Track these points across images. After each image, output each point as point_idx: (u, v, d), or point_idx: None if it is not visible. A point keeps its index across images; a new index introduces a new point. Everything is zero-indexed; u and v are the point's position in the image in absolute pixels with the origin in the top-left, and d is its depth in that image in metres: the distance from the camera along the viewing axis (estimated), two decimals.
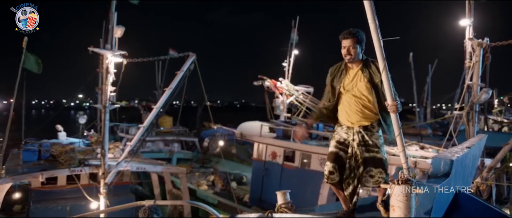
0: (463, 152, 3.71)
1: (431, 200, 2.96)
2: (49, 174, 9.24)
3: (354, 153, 3.33)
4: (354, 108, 3.33)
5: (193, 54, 10.44)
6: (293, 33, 15.04)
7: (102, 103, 9.15)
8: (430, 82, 19.81)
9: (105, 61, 9.23)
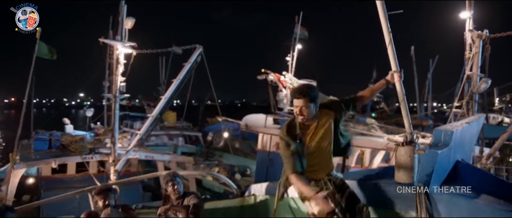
0: (462, 126, 3.97)
1: (432, 164, 3.22)
2: (61, 161, 9.53)
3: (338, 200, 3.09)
4: (319, 162, 3.10)
5: (200, 46, 10.72)
6: (296, 29, 15.32)
7: (113, 93, 9.41)
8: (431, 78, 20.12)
9: (115, 52, 9.50)
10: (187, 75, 10.55)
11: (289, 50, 15.28)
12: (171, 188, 3.86)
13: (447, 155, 3.54)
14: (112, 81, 9.82)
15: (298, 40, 15.19)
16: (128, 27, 9.13)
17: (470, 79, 8.63)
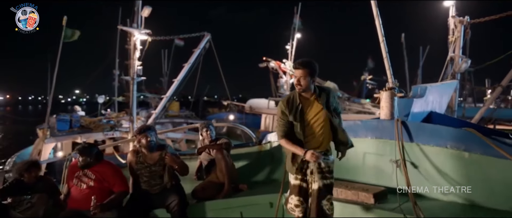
0: (435, 85, 5.00)
1: (409, 108, 4.24)
2: (86, 137, 10.47)
3: (310, 181, 3.23)
4: (314, 137, 3.19)
5: (208, 33, 11.68)
6: (295, 19, 16.30)
7: (131, 75, 10.35)
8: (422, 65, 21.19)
9: (132, 39, 10.43)
10: (196, 61, 11.51)
11: (288, 39, 16.26)
12: (206, 133, 4.81)
13: (422, 104, 4.56)
14: (129, 65, 10.74)
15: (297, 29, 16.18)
16: (145, 15, 10.05)
17: (453, 60, 9.66)
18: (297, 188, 3.21)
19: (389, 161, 3.78)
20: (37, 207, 4.10)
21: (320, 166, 3.17)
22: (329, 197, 3.15)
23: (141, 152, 4.21)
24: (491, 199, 3.28)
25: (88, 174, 4.03)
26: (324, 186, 3.14)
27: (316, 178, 3.16)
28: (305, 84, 3.09)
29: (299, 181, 3.22)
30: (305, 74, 3.07)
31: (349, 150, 3.29)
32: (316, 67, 3.15)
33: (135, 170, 4.17)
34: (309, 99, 3.17)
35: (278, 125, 3.20)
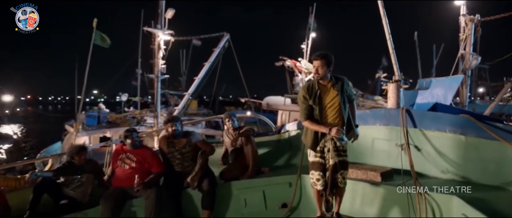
0: (441, 79, 5.44)
1: (414, 99, 4.71)
2: (114, 131, 11.20)
3: (328, 158, 3.60)
4: (329, 119, 3.58)
5: (227, 33, 12.27)
6: (310, 19, 16.76)
7: (155, 73, 11.01)
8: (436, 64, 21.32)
9: (156, 39, 11.09)
10: (216, 59, 12.12)
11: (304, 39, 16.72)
12: (229, 122, 5.37)
13: (427, 95, 5.02)
14: (153, 64, 11.40)
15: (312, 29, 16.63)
16: (169, 17, 10.70)
17: (464, 57, 9.99)
18: (317, 165, 3.64)
19: (395, 145, 4.24)
20: (85, 186, 4.71)
21: (336, 145, 3.55)
22: (342, 172, 3.57)
23: (171, 138, 4.82)
24: (484, 176, 3.73)
25: (130, 156, 4.63)
26: (339, 162, 3.55)
27: (332, 155, 3.55)
28: (322, 73, 3.54)
29: (318, 158, 3.64)
30: (323, 64, 3.52)
31: (360, 136, 3.78)
32: (332, 58, 3.58)
33: (167, 153, 4.76)
34: (326, 86, 3.60)
35: (301, 110, 3.64)
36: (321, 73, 3.55)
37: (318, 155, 3.66)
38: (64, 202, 4.51)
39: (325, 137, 3.60)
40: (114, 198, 4.35)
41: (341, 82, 3.62)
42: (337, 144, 3.56)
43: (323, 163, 3.64)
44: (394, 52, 4.54)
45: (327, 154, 3.62)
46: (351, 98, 3.77)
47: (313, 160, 3.70)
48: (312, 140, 3.64)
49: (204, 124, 22.93)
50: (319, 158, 3.66)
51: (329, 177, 3.59)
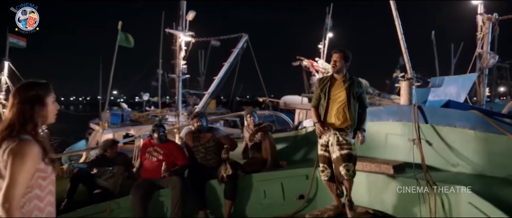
0: (454, 77, 5.60)
1: (426, 96, 4.91)
2: (137, 129, 11.68)
3: (333, 151, 3.81)
4: (333, 111, 3.82)
5: (246, 34, 12.59)
6: (327, 19, 16.94)
7: (176, 73, 11.41)
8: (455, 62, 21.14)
9: (178, 40, 11.50)
10: (235, 59, 12.46)
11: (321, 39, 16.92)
12: (250, 118, 5.67)
13: (439, 93, 5.21)
14: (174, 65, 11.81)
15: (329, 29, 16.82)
16: (190, 19, 11.08)
17: (481, 56, 10.03)
18: (322, 157, 3.96)
19: (407, 140, 4.45)
20: (116, 177, 5.10)
21: (338, 139, 3.76)
22: (346, 164, 3.71)
23: (196, 133, 5.16)
24: (492, 168, 3.92)
25: (157, 149, 4.99)
26: (340, 155, 3.73)
27: (335, 149, 3.78)
28: (340, 65, 3.85)
29: (323, 152, 3.94)
30: (341, 57, 3.84)
31: (374, 132, 4.05)
32: (350, 55, 3.90)
33: (192, 147, 5.11)
34: (338, 80, 3.90)
35: (313, 97, 4.08)
36: (338, 65, 3.84)
37: (323, 148, 3.93)
38: (97, 192, 4.90)
39: (329, 131, 3.84)
40: (143, 188, 4.71)
41: (352, 81, 3.88)
42: (339, 139, 3.76)
43: (326, 156, 3.90)
44: (407, 51, 4.75)
45: (330, 148, 3.84)
46: (363, 102, 3.97)
47: (319, 153, 4.00)
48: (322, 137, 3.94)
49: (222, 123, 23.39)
50: (323, 151, 3.93)
51: (334, 169, 3.84)
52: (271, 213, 4.82)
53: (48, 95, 2.14)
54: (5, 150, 1.92)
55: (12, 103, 2.06)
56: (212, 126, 5.38)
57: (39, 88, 2.11)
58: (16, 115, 2.02)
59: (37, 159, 1.97)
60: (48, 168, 2.05)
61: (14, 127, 1.99)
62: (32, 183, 1.96)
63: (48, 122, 2.16)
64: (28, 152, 1.92)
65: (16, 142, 1.93)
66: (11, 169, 1.87)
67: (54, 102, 2.19)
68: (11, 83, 16.03)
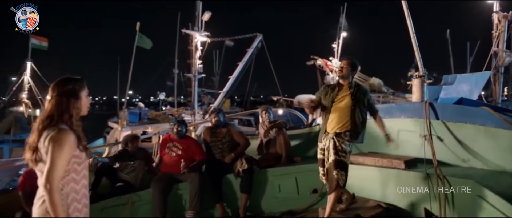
0: (467, 75, 5.67)
1: (438, 93, 5.00)
2: (154, 127, 11.98)
3: (329, 155, 3.81)
4: (334, 116, 3.86)
5: (260, 34, 12.77)
6: (341, 18, 17.00)
7: (192, 73, 11.67)
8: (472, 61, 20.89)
9: (194, 40, 11.75)
10: (249, 59, 12.66)
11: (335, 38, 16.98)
12: (265, 115, 5.85)
13: (451, 90, 5.29)
14: (190, 64, 12.07)
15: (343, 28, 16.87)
16: (205, 19, 11.32)
17: (497, 54, 9.99)
18: (320, 161, 4.00)
19: (418, 136, 4.56)
20: (137, 171, 5.34)
21: (335, 145, 3.75)
22: (338, 171, 3.70)
23: (213, 129, 5.37)
24: (501, 162, 4.00)
25: (177, 145, 5.21)
26: (334, 160, 3.72)
27: (330, 154, 3.78)
28: (346, 72, 3.90)
29: (322, 156, 3.97)
30: (348, 64, 3.91)
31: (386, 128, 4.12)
32: (358, 64, 3.97)
33: (210, 142, 5.31)
34: (344, 86, 3.93)
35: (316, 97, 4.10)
36: (344, 72, 3.91)
37: (322, 152, 3.97)
38: (119, 185, 5.14)
39: (327, 135, 3.88)
40: (163, 182, 4.94)
41: (358, 88, 3.94)
42: (336, 144, 3.76)
43: (324, 160, 3.94)
44: (418, 49, 4.86)
45: (326, 152, 3.87)
46: (373, 108, 4.07)
47: (318, 157, 4.03)
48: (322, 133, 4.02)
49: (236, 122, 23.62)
50: (322, 155, 3.96)
51: (328, 174, 3.82)
52: (286, 207, 4.98)
53: (82, 90, 2.38)
54: (46, 137, 2.16)
55: (51, 96, 2.31)
56: (228, 122, 5.58)
57: (74, 83, 2.35)
58: (55, 107, 2.26)
59: (73, 146, 2.20)
60: (82, 155, 2.29)
61: (53, 117, 2.23)
62: (69, 168, 2.20)
63: (82, 114, 2.40)
64: (65, 139, 2.16)
65: (55, 131, 2.16)
66: (51, 155, 2.11)
67: (87, 96, 2.44)
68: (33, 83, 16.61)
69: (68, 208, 2.18)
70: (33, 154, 2.21)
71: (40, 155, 2.19)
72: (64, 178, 2.19)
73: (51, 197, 2.08)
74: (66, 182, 2.20)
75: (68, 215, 2.16)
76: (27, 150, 2.26)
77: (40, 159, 2.19)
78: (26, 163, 4.03)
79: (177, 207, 4.98)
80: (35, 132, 2.23)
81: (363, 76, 15.54)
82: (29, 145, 2.25)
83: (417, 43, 4.85)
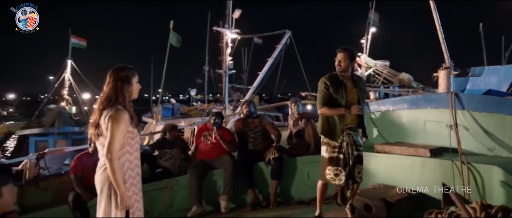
0: (496, 67, 5.72)
1: (464, 84, 5.10)
2: (187, 120, 12.48)
3: (347, 152, 3.64)
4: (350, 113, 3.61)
5: (289, 31, 12.99)
6: (370, 14, 16.93)
7: (223, 69, 12.06)
8: (507, 56, 20.21)
9: (224, 37, 12.13)
10: (278, 55, 12.90)
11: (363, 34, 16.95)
12: (295, 107, 6.12)
13: (479, 82, 5.37)
14: (221, 61, 12.47)
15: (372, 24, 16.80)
16: (236, 17, 11.66)
17: None
18: (334, 160, 3.64)
19: (445, 126, 4.68)
20: (175, 158, 5.74)
21: (353, 139, 3.64)
22: (358, 166, 3.65)
23: (245, 119, 5.70)
24: None
25: (212, 133, 5.57)
26: (356, 157, 3.64)
27: (351, 150, 3.63)
28: (345, 65, 3.62)
29: (336, 154, 3.64)
30: (346, 57, 3.61)
31: (413, 119, 4.29)
32: (355, 52, 3.79)
33: (242, 132, 5.64)
34: (349, 80, 3.70)
35: (320, 97, 3.68)
36: (343, 65, 3.62)
37: (336, 150, 3.66)
38: (159, 171, 5.55)
39: (343, 131, 3.66)
40: (199, 168, 5.31)
41: (359, 80, 3.80)
42: (354, 138, 3.66)
43: (341, 158, 3.64)
44: (445, 41, 4.97)
45: (345, 148, 3.64)
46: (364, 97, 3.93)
47: (330, 156, 3.67)
48: (335, 130, 3.67)
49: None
50: (336, 153, 3.66)
51: (348, 171, 3.64)
52: (314, 194, 5.19)
53: (133, 76, 2.80)
54: (106, 116, 2.58)
55: (108, 81, 2.74)
56: (260, 113, 5.91)
57: (128, 70, 2.77)
58: (111, 90, 2.68)
59: (127, 123, 2.62)
60: (135, 131, 2.72)
61: (111, 99, 2.66)
62: (124, 142, 2.62)
63: (133, 97, 2.83)
64: (122, 117, 2.58)
65: (113, 110, 2.59)
66: (110, 130, 2.53)
67: (137, 83, 2.85)
68: (73, 80, 17.59)
69: (124, 175, 2.59)
70: (96, 129, 2.64)
71: (101, 130, 2.61)
72: (121, 150, 2.60)
73: (111, 164, 2.49)
74: (122, 154, 2.61)
75: (125, 181, 2.57)
76: (90, 126, 2.71)
77: (101, 133, 2.61)
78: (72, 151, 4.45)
79: (212, 192, 5.34)
80: (97, 112, 2.68)
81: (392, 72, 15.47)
82: (92, 123, 2.69)
83: (443, 36, 4.97)
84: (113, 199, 2.52)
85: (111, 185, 2.52)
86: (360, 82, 3.79)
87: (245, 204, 5.35)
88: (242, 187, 5.32)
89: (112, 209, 2.52)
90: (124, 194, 2.52)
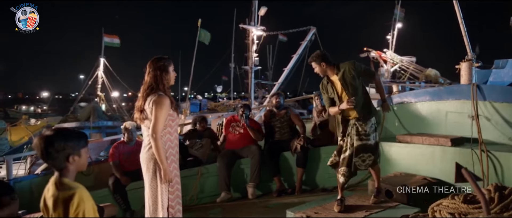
0: None
1: (487, 77, 5.18)
2: (214, 115, 12.89)
3: (346, 142, 3.84)
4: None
5: (314, 27, 13.17)
6: (396, 10, 16.84)
7: (249, 65, 12.39)
8: None
9: (250, 34, 12.46)
10: (303, 52, 13.11)
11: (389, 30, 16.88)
12: (318, 100, 6.34)
13: (502, 74, 5.42)
14: (247, 57, 12.80)
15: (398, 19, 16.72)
16: (261, 14, 11.97)
17: None
18: (338, 147, 3.96)
19: (466, 117, 4.80)
20: (205, 148, 6.09)
21: (358, 129, 3.76)
22: (361, 155, 3.75)
23: (273, 111, 5.98)
24: None
25: (239, 124, 5.89)
26: (359, 146, 3.74)
27: (354, 139, 3.77)
28: (320, 71, 3.87)
29: (340, 142, 3.94)
30: (315, 65, 3.88)
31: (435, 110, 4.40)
32: (322, 54, 3.84)
33: (270, 123, 5.93)
34: (332, 76, 3.85)
35: (325, 101, 4.08)
36: (319, 72, 3.88)
37: (340, 141, 3.94)
38: (190, 159, 5.91)
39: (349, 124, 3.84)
40: (227, 157, 5.64)
41: (342, 71, 3.78)
42: (359, 129, 3.77)
43: (341, 145, 3.91)
44: (467, 34, 5.07)
45: (347, 138, 3.85)
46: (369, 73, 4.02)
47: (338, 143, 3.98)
48: (339, 125, 3.96)
49: None
50: (341, 141, 3.94)
51: (345, 159, 3.83)
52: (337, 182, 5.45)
53: (170, 65, 3.15)
54: (150, 101, 2.93)
55: (148, 71, 3.10)
56: (287, 105, 6.24)
57: (165, 60, 3.13)
58: (152, 79, 3.04)
59: (168, 107, 2.98)
60: (175, 114, 3.07)
61: (153, 86, 3.01)
62: (166, 123, 2.97)
63: (171, 84, 3.17)
64: (163, 102, 2.93)
65: (156, 96, 2.94)
66: (155, 113, 2.88)
67: (173, 71, 3.20)
68: (105, 78, 18.37)
69: (166, 152, 2.94)
70: (141, 114, 2.99)
71: (145, 114, 2.97)
72: (163, 131, 2.95)
73: (156, 143, 2.84)
74: (164, 134, 2.97)
75: (166, 158, 2.92)
76: (136, 111, 3.08)
77: (145, 117, 2.97)
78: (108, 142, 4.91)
79: (240, 180, 5.66)
80: (141, 98, 3.04)
81: (419, 67, 15.38)
82: (137, 108, 3.06)
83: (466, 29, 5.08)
84: (158, 174, 2.88)
85: (156, 162, 2.88)
86: (345, 73, 3.76)
87: (271, 191, 5.65)
88: (268, 175, 5.61)
89: (158, 182, 2.89)
90: (167, 169, 2.87)
